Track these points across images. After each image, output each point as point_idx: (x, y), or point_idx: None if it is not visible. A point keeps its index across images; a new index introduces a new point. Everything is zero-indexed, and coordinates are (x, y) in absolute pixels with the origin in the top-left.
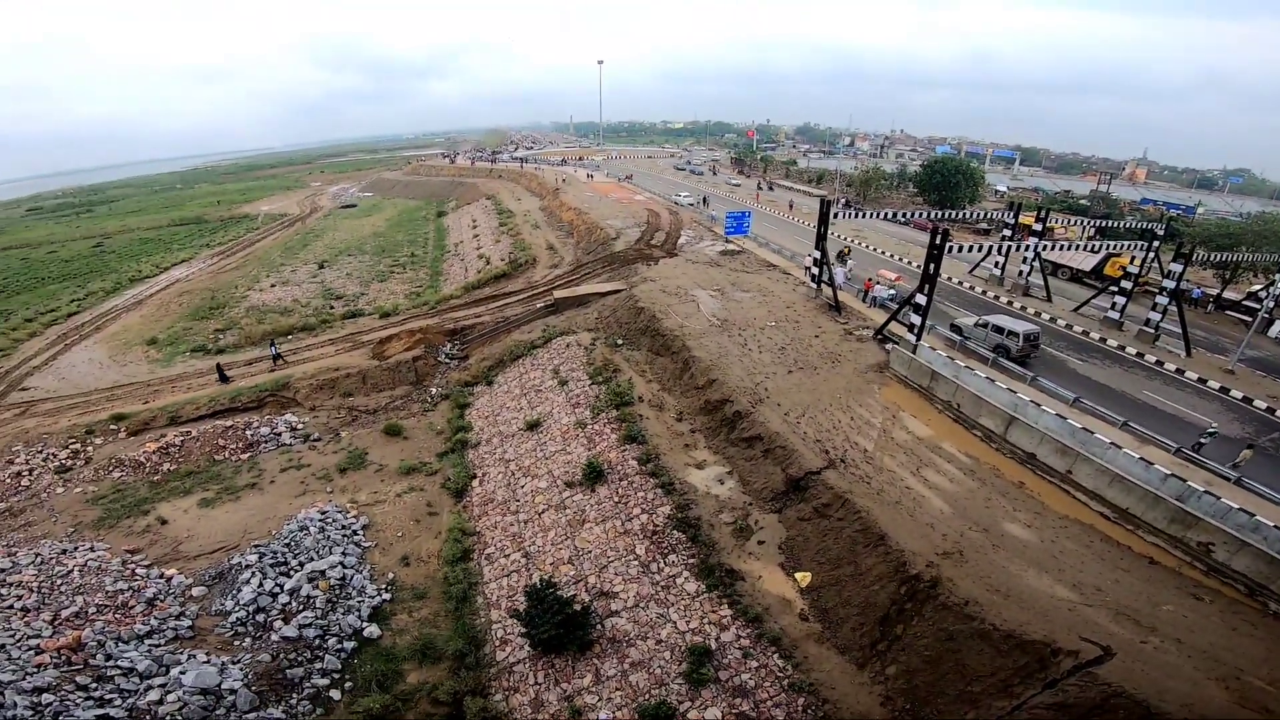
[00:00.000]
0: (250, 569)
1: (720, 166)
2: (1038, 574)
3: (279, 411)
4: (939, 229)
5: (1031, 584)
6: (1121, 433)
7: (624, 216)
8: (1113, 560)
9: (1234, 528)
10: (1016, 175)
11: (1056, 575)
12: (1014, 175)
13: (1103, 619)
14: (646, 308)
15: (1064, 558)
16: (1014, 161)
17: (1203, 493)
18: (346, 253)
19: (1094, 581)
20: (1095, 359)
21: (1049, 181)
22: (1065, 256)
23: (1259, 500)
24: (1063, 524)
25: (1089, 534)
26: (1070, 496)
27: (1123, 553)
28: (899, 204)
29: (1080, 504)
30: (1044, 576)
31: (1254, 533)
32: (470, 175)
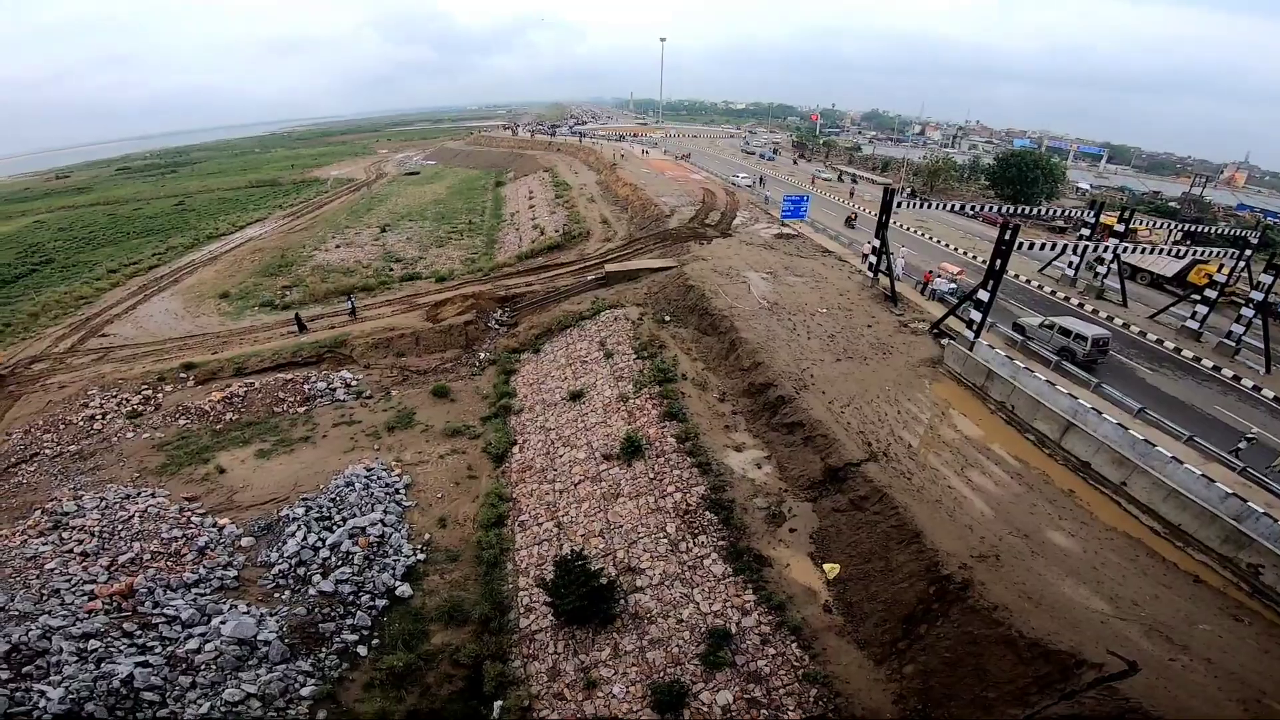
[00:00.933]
0: (297, 522)
1: (781, 149)
2: (1075, 584)
3: (336, 368)
4: (1010, 224)
5: (1066, 593)
6: (1186, 447)
7: (679, 194)
8: (1156, 575)
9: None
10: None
11: (1094, 586)
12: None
13: (1134, 634)
14: (696, 286)
15: (1105, 569)
16: (1100, 158)
17: (1261, 514)
18: (408, 218)
19: (1133, 596)
20: (1167, 369)
21: (1137, 181)
22: (1146, 260)
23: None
24: (1109, 535)
25: (1135, 547)
26: (1121, 508)
27: (1167, 569)
28: (968, 196)
29: (1130, 517)
30: (1081, 587)
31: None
32: (529, 147)
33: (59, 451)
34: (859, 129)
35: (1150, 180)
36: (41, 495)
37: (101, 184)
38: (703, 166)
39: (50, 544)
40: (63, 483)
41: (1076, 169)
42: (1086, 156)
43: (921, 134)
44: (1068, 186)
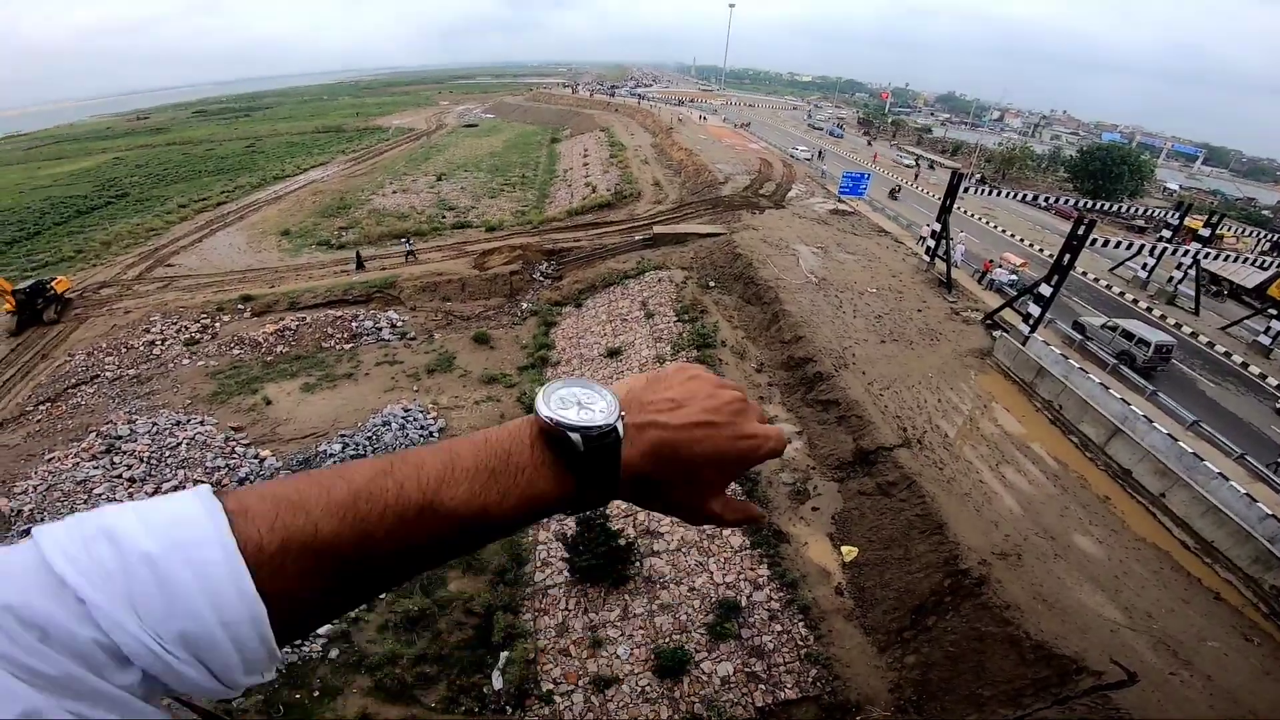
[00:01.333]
0: (333, 458)
1: (846, 125)
2: (1092, 590)
3: (383, 308)
4: (1084, 218)
5: (1082, 599)
6: (1235, 464)
7: (735, 163)
8: (1176, 590)
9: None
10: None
11: (1112, 595)
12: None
13: (1142, 645)
14: (744, 255)
15: (1126, 579)
16: (1196, 159)
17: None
18: (464, 168)
19: (1149, 607)
20: (1230, 384)
21: (1233, 186)
22: (1228, 269)
23: None
24: (1137, 546)
25: (1161, 560)
26: (1155, 520)
27: (1190, 583)
28: (1043, 187)
29: (1163, 529)
30: (1098, 594)
31: None
32: (588, 106)
33: (119, 375)
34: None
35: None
36: (98, 418)
37: (178, 125)
38: (761, 136)
39: (101, 468)
40: (119, 406)
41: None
42: (1180, 156)
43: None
44: (1154, 185)
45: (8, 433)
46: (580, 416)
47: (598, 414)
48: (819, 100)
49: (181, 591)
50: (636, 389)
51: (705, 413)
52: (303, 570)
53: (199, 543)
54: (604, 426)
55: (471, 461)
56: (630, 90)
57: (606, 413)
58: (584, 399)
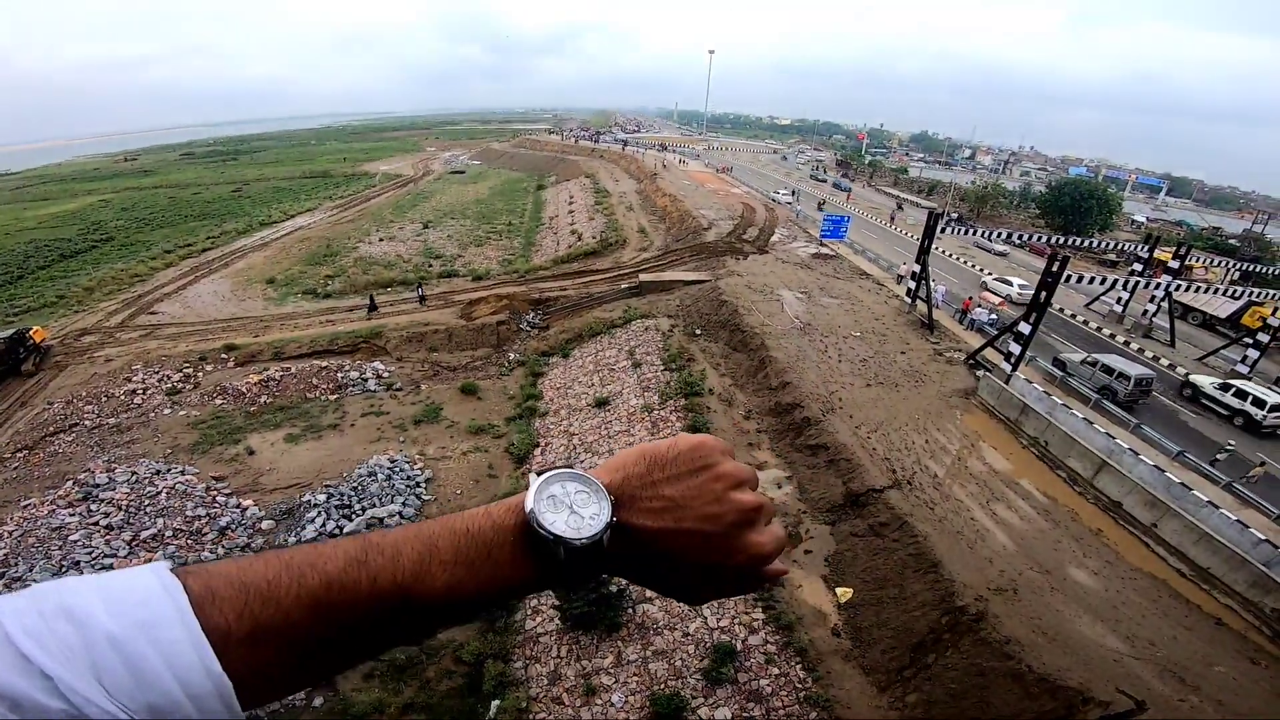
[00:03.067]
0: (317, 508)
1: (826, 168)
2: (1092, 621)
3: (369, 358)
4: (1057, 255)
5: (1082, 631)
6: (1224, 493)
7: (718, 208)
8: (1177, 617)
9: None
10: (1160, 205)
11: (1112, 625)
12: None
13: (1147, 673)
14: (729, 301)
15: (1125, 609)
16: (1160, 190)
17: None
18: (450, 216)
19: (1151, 636)
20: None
21: (1197, 215)
22: (1200, 300)
23: None
24: (1133, 576)
25: (1159, 589)
26: (1149, 549)
27: (1190, 610)
28: (1016, 224)
29: (1157, 558)
30: (1098, 625)
31: None
32: (573, 153)
33: (98, 423)
34: (906, 150)
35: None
36: (76, 465)
37: (165, 168)
38: (743, 181)
39: (77, 515)
40: (98, 454)
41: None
42: (1145, 188)
43: (972, 158)
44: (1123, 218)
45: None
46: (569, 524)
47: (587, 522)
48: (799, 143)
49: (148, 669)
50: (634, 475)
51: (702, 522)
52: (271, 655)
53: (162, 623)
54: (590, 539)
55: (451, 554)
56: (615, 137)
57: (595, 522)
58: (577, 502)
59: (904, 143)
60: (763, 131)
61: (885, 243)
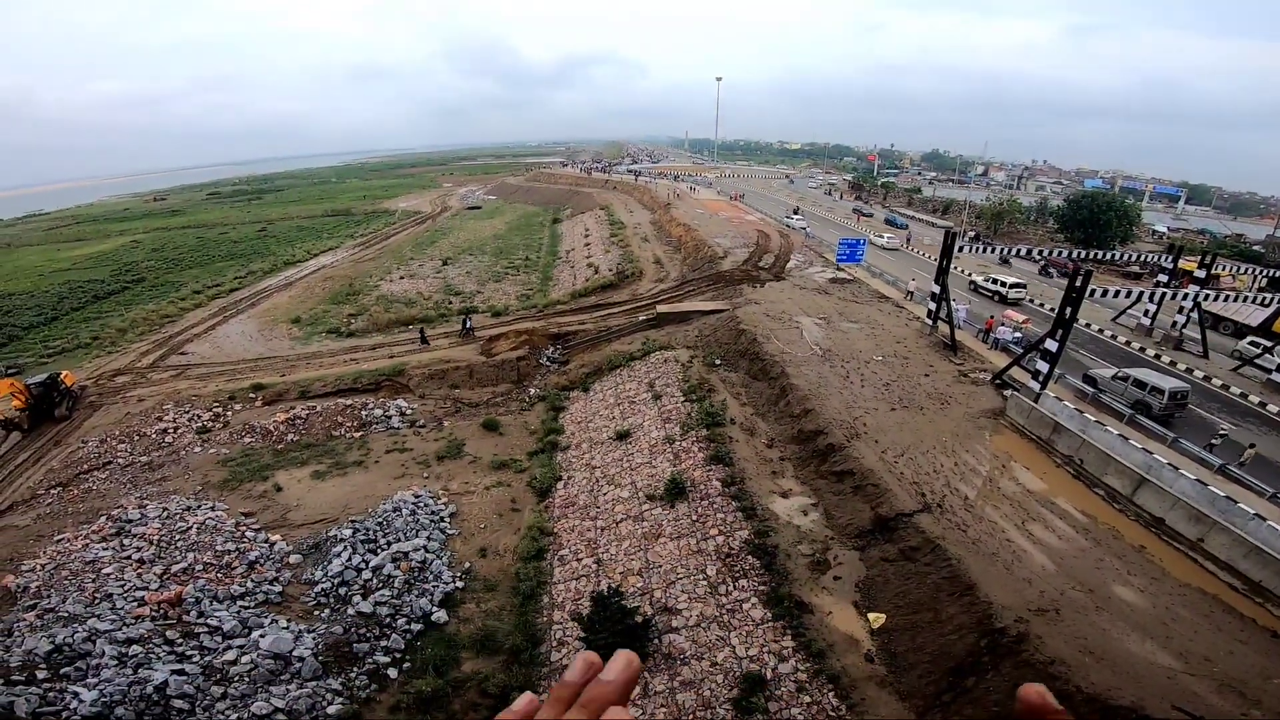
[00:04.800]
0: (344, 543)
1: (836, 191)
2: (1140, 639)
3: (392, 396)
4: (1080, 270)
5: (1131, 649)
6: (1270, 504)
7: (732, 236)
8: (1231, 631)
9: None
10: (1180, 214)
11: (1163, 642)
12: (1177, 214)
13: (1204, 689)
14: (748, 330)
15: (1175, 625)
16: (1179, 199)
17: None
18: (468, 252)
19: (1204, 651)
20: (1251, 424)
21: (1219, 223)
22: (1230, 309)
23: None
24: (1182, 591)
25: (1210, 604)
26: (1197, 565)
27: (1245, 625)
28: (1035, 240)
29: (1207, 573)
30: (1147, 642)
31: None
32: (587, 185)
33: (131, 461)
34: (919, 170)
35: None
36: (109, 502)
37: (193, 207)
38: (757, 208)
39: (110, 549)
40: (130, 491)
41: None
42: (1163, 197)
43: (984, 175)
44: (1143, 229)
45: (18, 514)
46: None
47: None
48: (810, 167)
49: None
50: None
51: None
52: None
53: None
54: None
55: None
56: (628, 167)
57: None
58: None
59: (916, 162)
60: (774, 157)
61: (902, 264)
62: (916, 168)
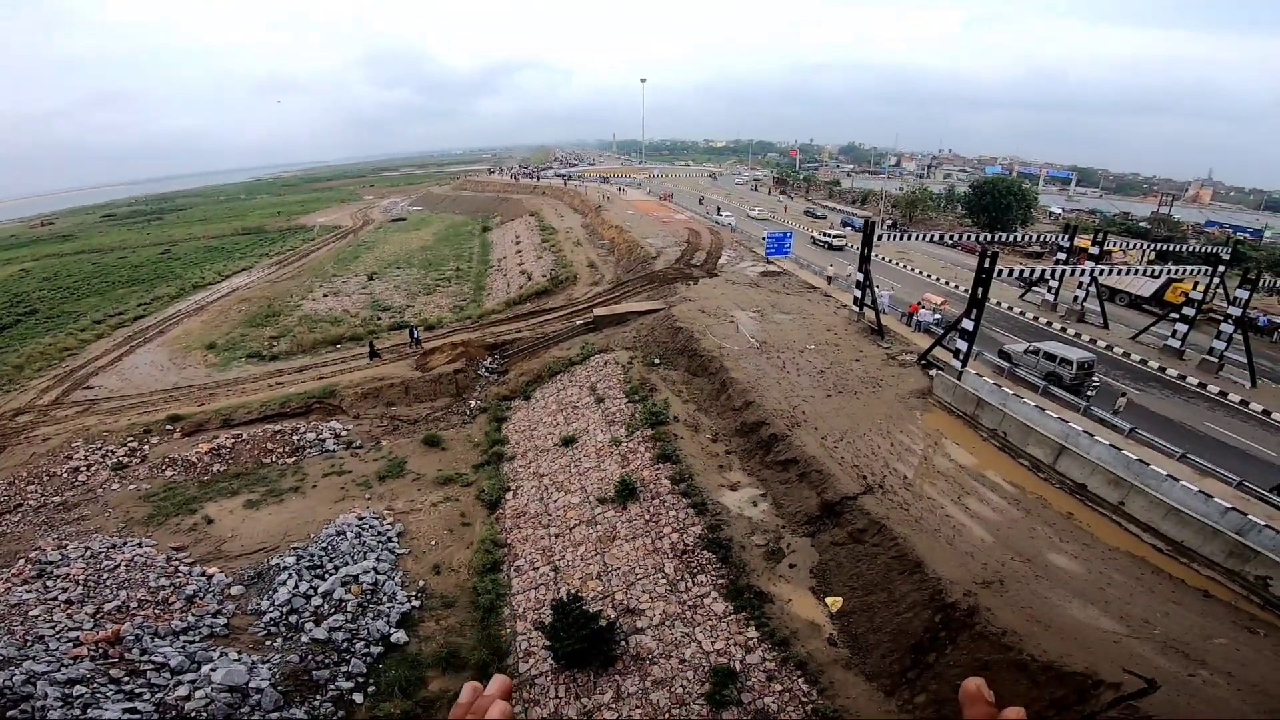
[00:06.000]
0: (287, 570)
1: (761, 185)
2: (1082, 605)
3: (325, 418)
4: (988, 251)
5: (1075, 615)
6: (1180, 465)
7: (664, 235)
8: (1164, 593)
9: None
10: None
11: (1103, 607)
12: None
13: (1149, 651)
14: (685, 327)
15: (1112, 589)
16: (1070, 182)
17: (1263, 527)
18: (395, 265)
19: (1142, 614)
20: (1154, 389)
21: (1106, 203)
22: (1123, 282)
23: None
24: (1112, 556)
25: (1140, 566)
26: (1121, 528)
27: (1175, 586)
28: (946, 226)
29: (1132, 536)
30: (1089, 608)
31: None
32: (515, 191)
33: (43, 502)
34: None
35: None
36: (25, 545)
37: (86, 231)
38: (686, 206)
39: (34, 591)
40: (47, 533)
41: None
42: (1056, 181)
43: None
44: (1041, 211)
45: None
46: None
47: None
48: (735, 164)
49: None
50: None
51: None
52: None
53: None
54: None
55: None
56: (556, 172)
57: None
58: None
59: (834, 155)
60: (700, 155)
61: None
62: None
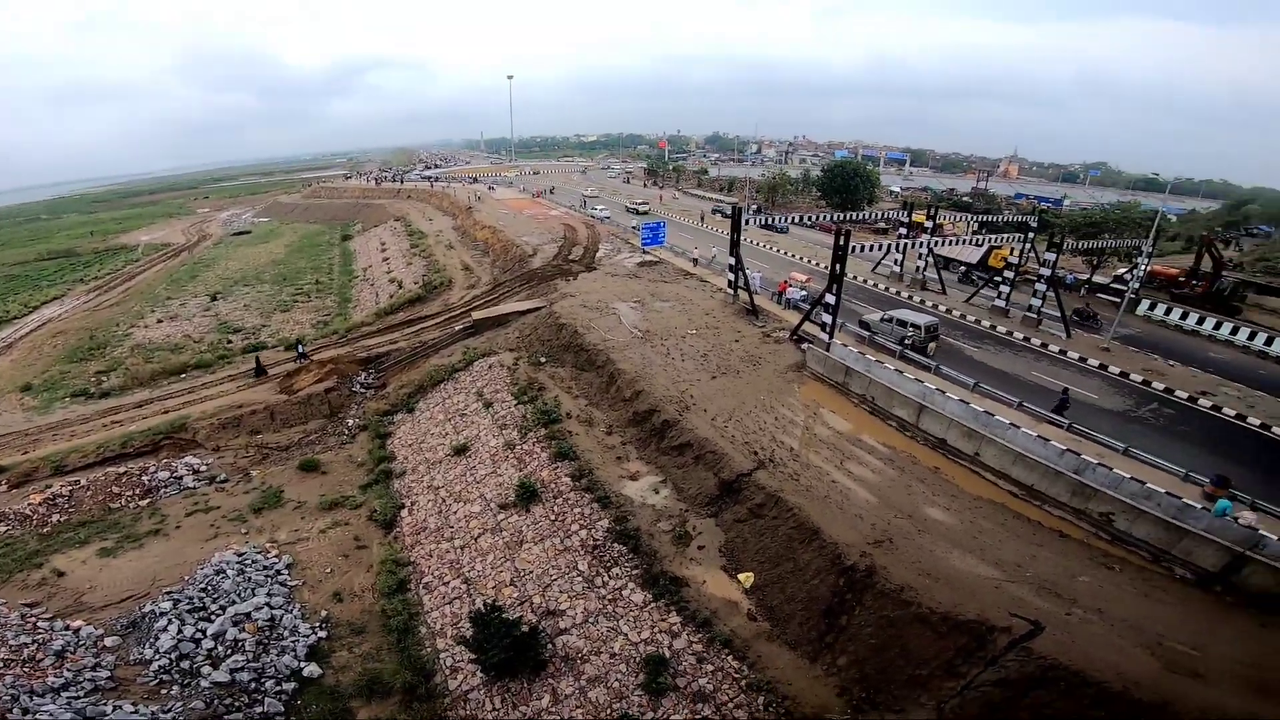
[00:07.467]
0: (166, 616)
1: (634, 178)
2: (962, 555)
3: (178, 454)
4: (842, 230)
5: (957, 565)
6: (1019, 413)
7: (540, 233)
8: (1027, 536)
9: (1129, 496)
10: (908, 176)
11: (979, 555)
12: (906, 176)
13: (1027, 594)
14: (568, 324)
15: (983, 537)
16: (904, 163)
17: (1097, 465)
18: (243, 283)
19: (1013, 558)
20: (988, 345)
21: (936, 181)
22: (954, 251)
23: (1149, 469)
24: (977, 504)
25: (1002, 512)
26: (980, 477)
27: (1034, 528)
28: (805, 208)
29: (990, 484)
30: (968, 557)
31: (1147, 500)
32: (377, 196)
33: None
34: (704, 152)
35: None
36: None
37: None
38: (561, 202)
39: None
40: None
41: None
42: (894, 162)
43: (759, 152)
44: (883, 191)
45: None
46: None
47: None
48: (607, 157)
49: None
50: None
51: None
52: None
53: None
54: None
55: None
56: (421, 174)
57: None
58: None
59: (700, 145)
60: (572, 150)
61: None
62: (701, 150)
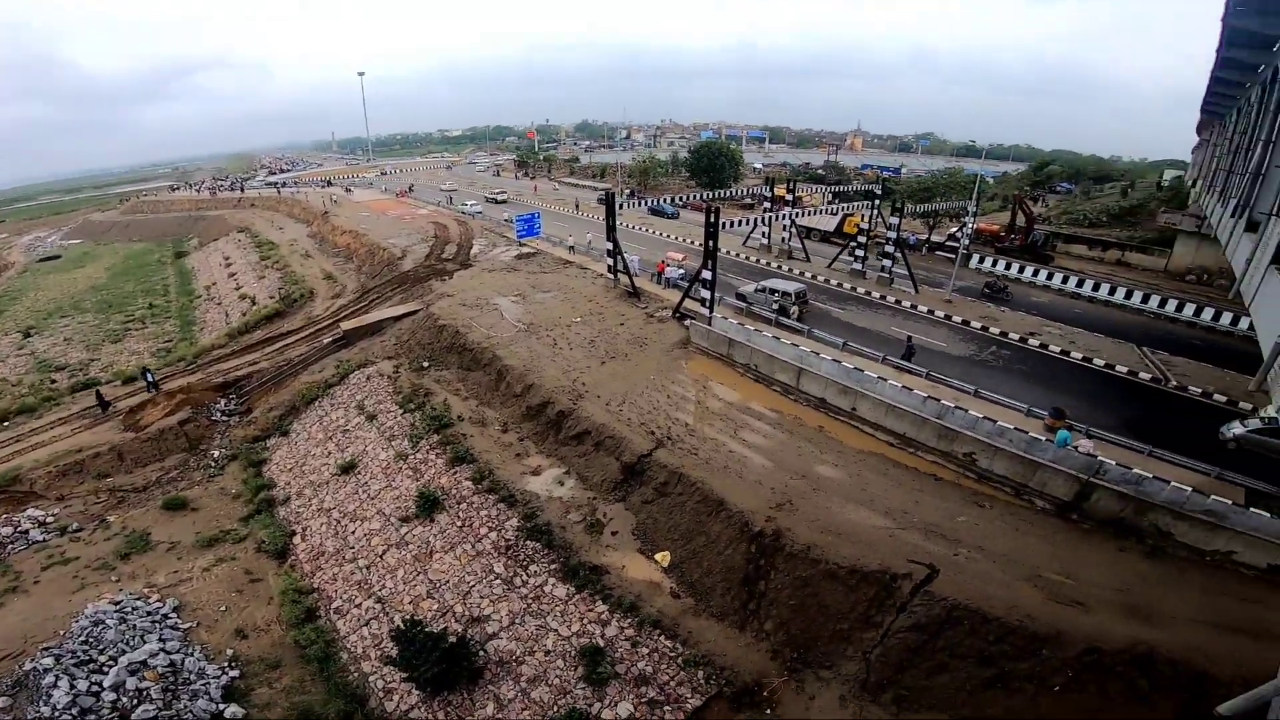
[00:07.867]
0: (51, 673)
1: (504, 170)
2: (855, 508)
3: (16, 508)
4: (711, 208)
5: (852, 518)
6: (884, 366)
7: (408, 233)
8: (907, 484)
9: (985, 436)
10: (768, 153)
11: (870, 506)
12: (766, 153)
13: (917, 539)
14: (448, 324)
15: (871, 488)
16: (764, 141)
17: (954, 408)
18: (59, 314)
19: (899, 505)
20: (851, 306)
21: (793, 156)
22: (813, 221)
23: (999, 409)
24: (860, 457)
25: (883, 463)
26: (860, 431)
27: (912, 475)
28: (676, 189)
29: (869, 436)
30: (861, 509)
31: (1000, 438)
32: (214, 207)
33: None
34: (574, 140)
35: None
36: None
37: None
38: (428, 200)
39: None
40: None
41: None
42: (754, 141)
43: (628, 138)
44: (747, 168)
45: None
46: None
47: None
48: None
49: None
50: None
51: None
52: None
53: None
54: None
55: None
56: (265, 181)
57: None
58: None
59: (570, 134)
60: (436, 146)
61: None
62: (572, 139)
